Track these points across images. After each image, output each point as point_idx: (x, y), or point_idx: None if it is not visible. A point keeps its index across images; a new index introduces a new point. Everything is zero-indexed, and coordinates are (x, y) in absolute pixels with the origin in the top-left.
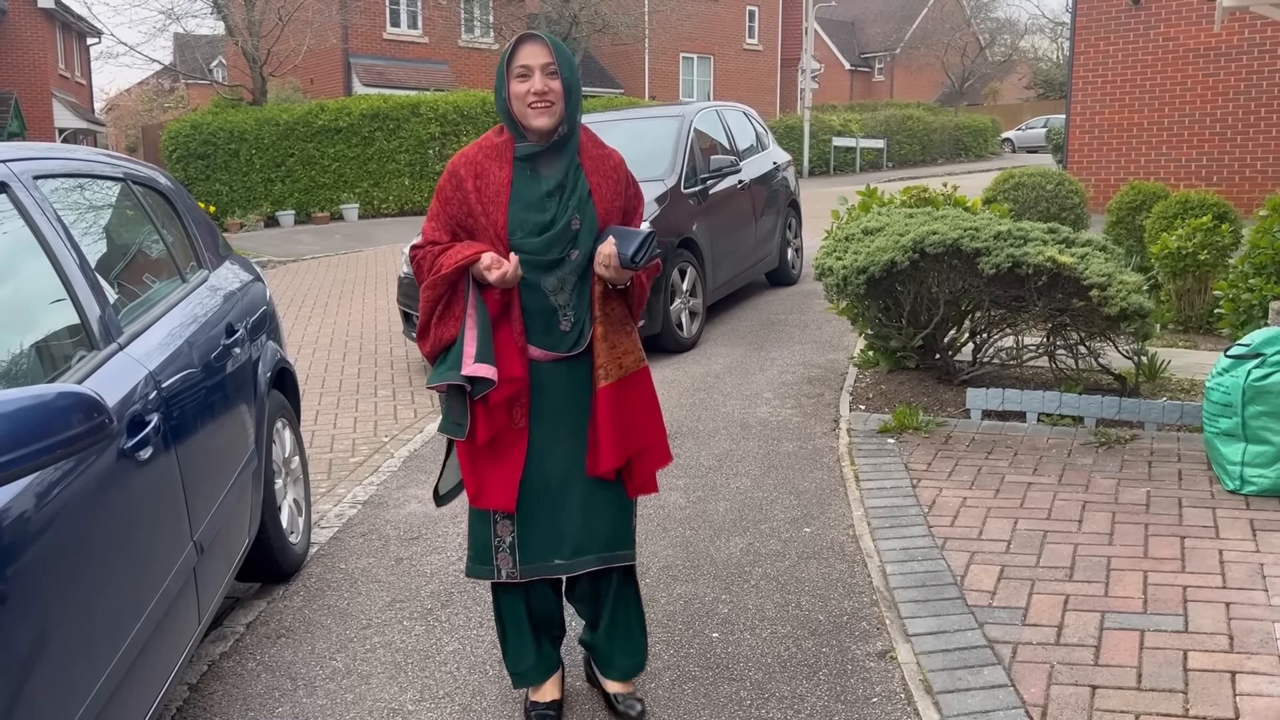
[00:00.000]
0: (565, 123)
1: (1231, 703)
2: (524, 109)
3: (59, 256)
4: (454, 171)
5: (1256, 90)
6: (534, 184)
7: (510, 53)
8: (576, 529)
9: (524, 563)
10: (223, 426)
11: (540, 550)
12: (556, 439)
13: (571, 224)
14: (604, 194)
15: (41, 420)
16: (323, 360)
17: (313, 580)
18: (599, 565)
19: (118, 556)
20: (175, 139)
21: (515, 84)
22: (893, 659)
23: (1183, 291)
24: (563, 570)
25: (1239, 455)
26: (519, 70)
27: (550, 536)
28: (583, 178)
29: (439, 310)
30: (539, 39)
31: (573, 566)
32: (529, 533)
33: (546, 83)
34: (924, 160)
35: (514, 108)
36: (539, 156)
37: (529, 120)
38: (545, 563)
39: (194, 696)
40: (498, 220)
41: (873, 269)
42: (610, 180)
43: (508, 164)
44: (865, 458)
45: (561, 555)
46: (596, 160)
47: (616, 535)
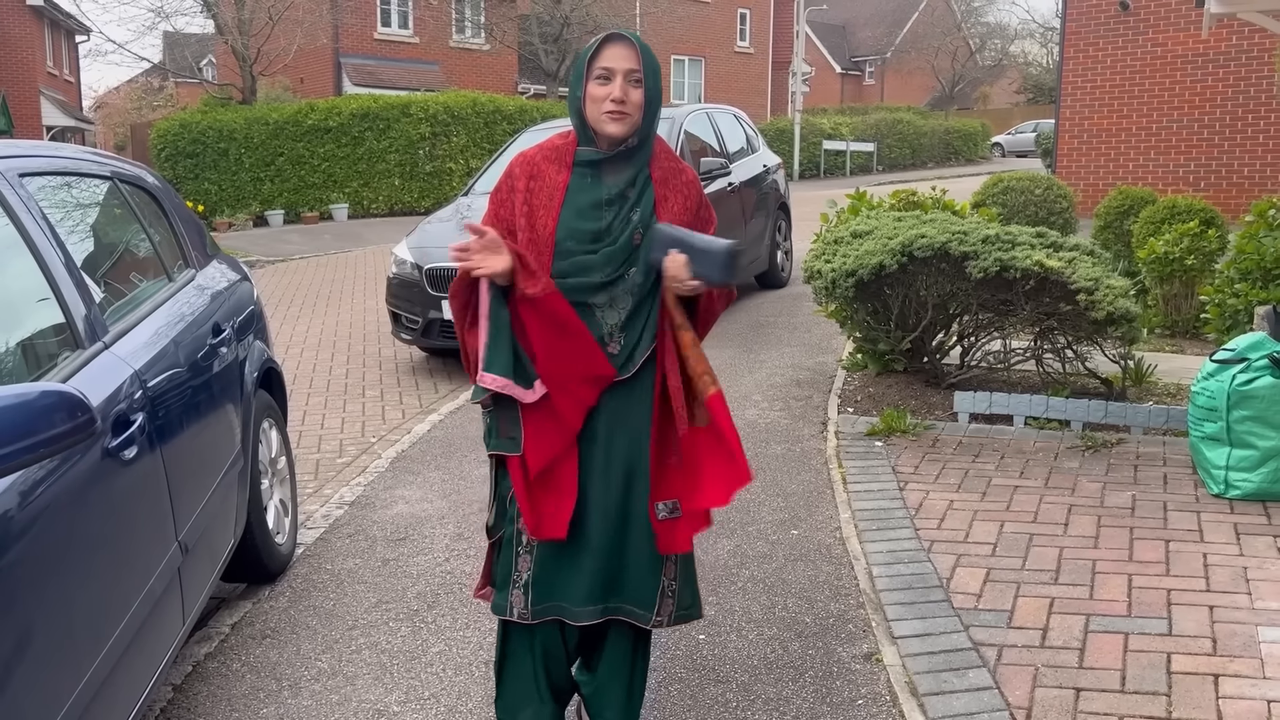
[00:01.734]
0: (638, 135)
1: (1214, 705)
2: (599, 114)
3: (44, 255)
4: (510, 172)
5: (1244, 96)
6: (592, 190)
7: (594, 50)
8: (598, 575)
9: (535, 603)
10: (208, 426)
11: (553, 592)
12: (594, 473)
13: (633, 239)
14: (673, 210)
15: (24, 419)
16: (311, 360)
17: (299, 581)
18: (607, 616)
19: (101, 556)
20: (164, 137)
21: (595, 86)
22: (878, 661)
23: (1169, 296)
24: (566, 615)
25: (1223, 459)
26: (600, 71)
27: (568, 578)
28: (650, 190)
29: (466, 320)
30: (628, 41)
31: (578, 615)
32: (544, 572)
33: (628, 91)
34: (914, 164)
35: (588, 110)
36: (602, 163)
37: (602, 126)
38: (555, 604)
39: (178, 697)
40: (547, 224)
41: (861, 272)
42: (681, 196)
43: (566, 168)
44: (853, 460)
45: (571, 600)
46: (668, 173)
47: (639, 589)
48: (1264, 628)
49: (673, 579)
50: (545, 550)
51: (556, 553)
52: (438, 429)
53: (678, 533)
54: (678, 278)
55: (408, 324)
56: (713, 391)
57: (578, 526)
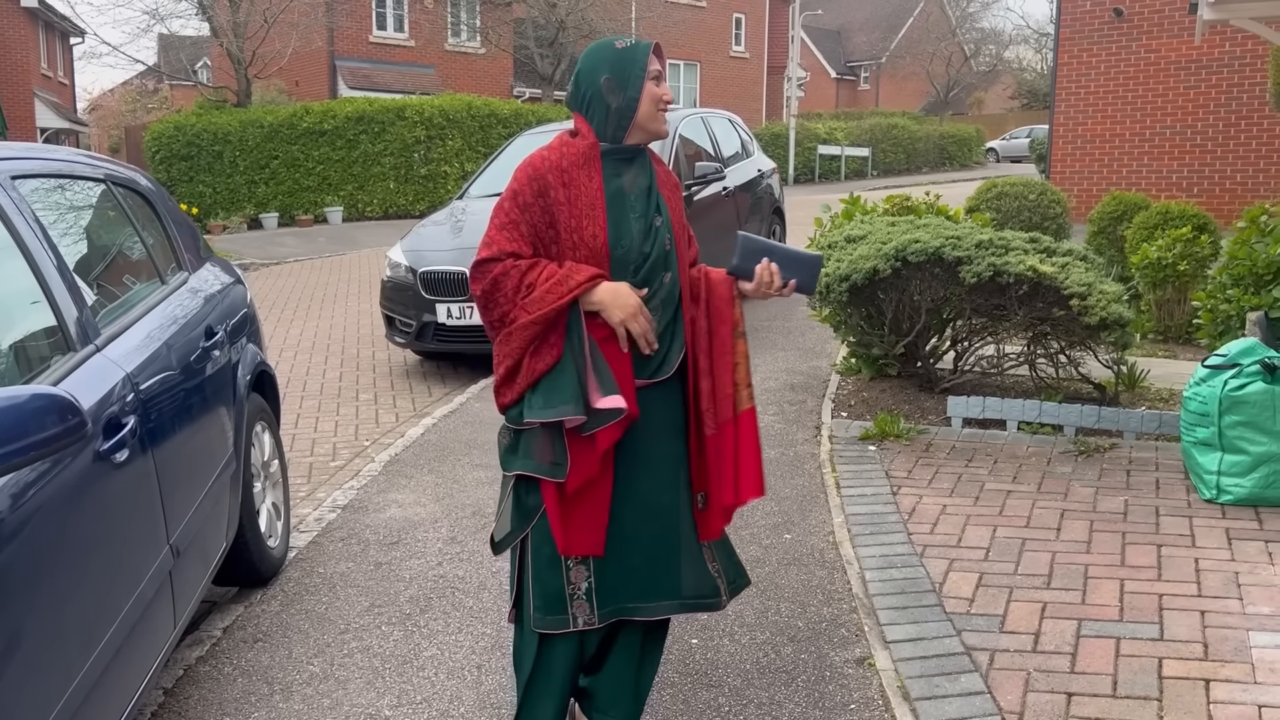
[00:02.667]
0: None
1: (1205, 710)
2: (654, 112)
3: (36, 257)
4: (539, 176)
5: (1237, 103)
6: (619, 194)
7: (645, 54)
8: (657, 570)
9: (601, 607)
10: (201, 429)
11: (618, 593)
12: (639, 472)
13: (664, 244)
14: (677, 213)
15: (15, 422)
16: (304, 363)
17: (291, 585)
18: (680, 611)
19: (92, 559)
20: (158, 140)
21: (653, 85)
22: (871, 666)
23: (1162, 301)
24: (638, 613)
25: (1215, 464)
26: (656, 72)
27: (628, 577)
28: (658, 193)
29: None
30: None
31: (651, 610)
32: (605, 576)
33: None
34: (909, 169)
35: (643, 109)
36: (623, 164)
37: (656, 124)
38: (622, 605)
39: (169, 701)
40: (597, 235)
41: (855, 276)
42: (676, 200)
43: (597, 173)
44: (846, 465)
45: (638, 598)
46: (663, 178)
47: (698, 580)
48: (1255, 633)
49: (713, 560)
50: (605, 557)
51: (615, 557)
52: (431, 433)
53: (711, 522)
54: (772, 285)
55: (401, 327)
56: (748, 407)
57: (631, 527)
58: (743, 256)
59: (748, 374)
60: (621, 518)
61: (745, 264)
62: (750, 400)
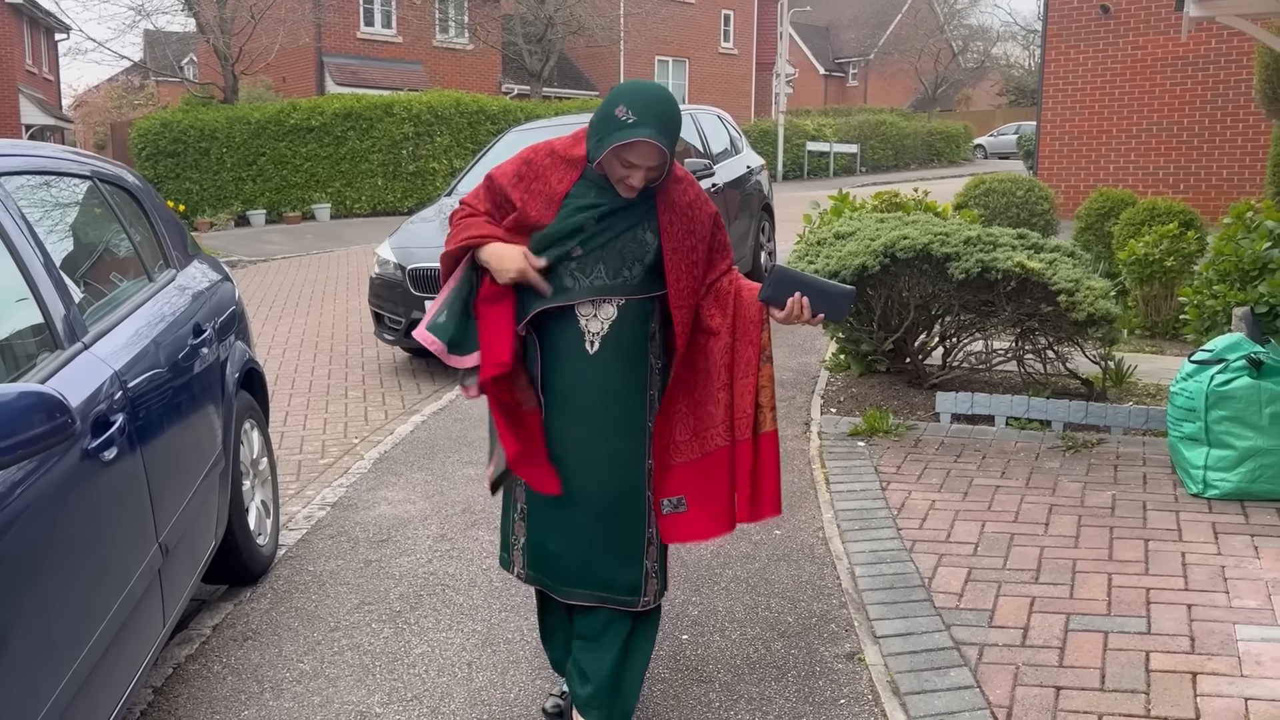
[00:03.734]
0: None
1: (1192, 703)
2: (614, 180)
3: (22, 254)
4: (529, 159)
5: (1223, 100)
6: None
7: (628, 140)
8: (586, 560)
9: (529, 569)
10: (189, 427)
11: (541, 565)
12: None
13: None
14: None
15: (2, 420)
16: (293, 361)
17: (280, 582)
18: (593, 602)
19: (81, 557)
20: (145, 136)
21: (618, 166)
22: (861, 660)
23: (1149, 297)
24: (555, 593)
25: (1202, 459)
26: (625, 160)
27: (551, 560)
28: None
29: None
30: (659, 149)
31: (566, 594)
32: (533, 545)
33: (644, 180)
34: (897, 165)
35: (606, 165)
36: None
37: (620, 189)
38: (542, 578)
39: (159, 700)
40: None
41: (844, 273)
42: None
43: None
44: (835, 461)
45: (558, 579)
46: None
47: (620, 578)
48: (1242, 626)
49: (654, 561)
50: (536, 525)
51: (546, 531)
52: (420, 430)
53: (681, 527)
54: (800, 318)
55: (390, 324)
56: (770, 429)
57: (563, 516)
58: (776, 288)
59: (772, 397)
60: (557, 505)
61: (778, 295)
62: (773, 423)
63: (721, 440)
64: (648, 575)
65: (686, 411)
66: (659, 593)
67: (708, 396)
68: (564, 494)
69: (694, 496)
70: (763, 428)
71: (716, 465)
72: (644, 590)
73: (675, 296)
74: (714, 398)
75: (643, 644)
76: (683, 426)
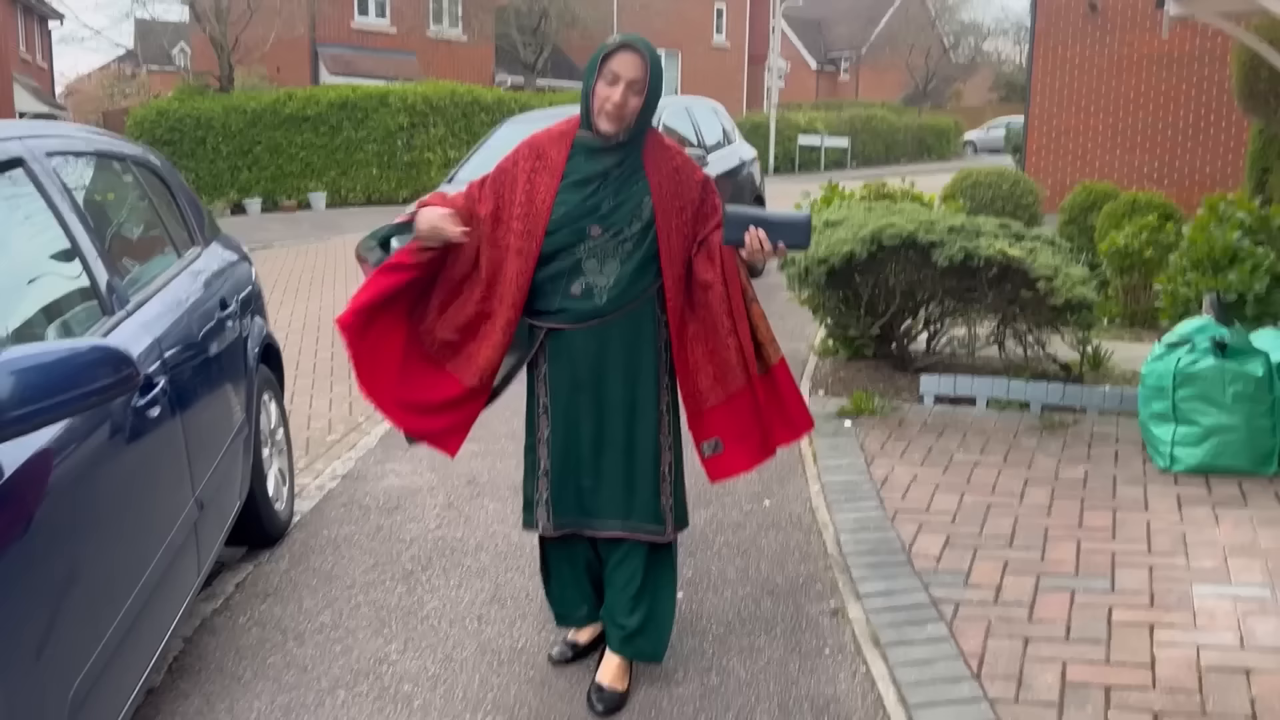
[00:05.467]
0: (628, 134)
1: (1149, 651)
2: (598, 109)
3: (72, 228)
4: (518, 153)
5: (1207, 96)
6: (586, 167)
7: (608, 52)
8: (605, 494)
9: (557, 517)
10: (218, 393)
11: (570, 507)
12: (591, 406)
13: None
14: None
15: (74, 371)
16: (295, 344)
17: (297, 546)
18: (623, 532)
19: (134, 502)
20: (141, 125)
21: (602, 85)
22: (844, 616)
23: (1129, 287)
24: (588, 528)
25: (1169, 435)
26: (609, 74)
27: (579, 496)
28: (642, 174)
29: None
30: (639, 53)
31: (597, 526)
32: (562, 491)
33: (628, 98)
34: (888, 160)
35: (595, 104)
36: (596, 151)
37: (598, 121)
38: (574, 519)
39: (189, 649)
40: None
41: (833, 260)
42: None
43: (567, 147)
44: (823, 439)
45: (588, 514)
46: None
47: (643, 508)
48: (1198, 585)
49: (669, 497)
50: (558, 475)
51: (568, 477)
52: None
53: (723, 465)
54: (763, 250)
55: None
56: (777, 359)
57: (586, 451)
58: (731, 228)
59: (769, 330)
60: (579, 443)
61: (733, 234)
62: (778, 353)
63: (741, 381)
64: (666, 509)
65: (705, 361)
66: (678, 528)
67: (719, 344)
68: (582, 436)
69: (729, 436)
70: (770, 361)
71: (742, 404)
72: (666, 522)
73: (665, 254)
74: (724, 344)
75: (668, 574)
76: (704, 375)
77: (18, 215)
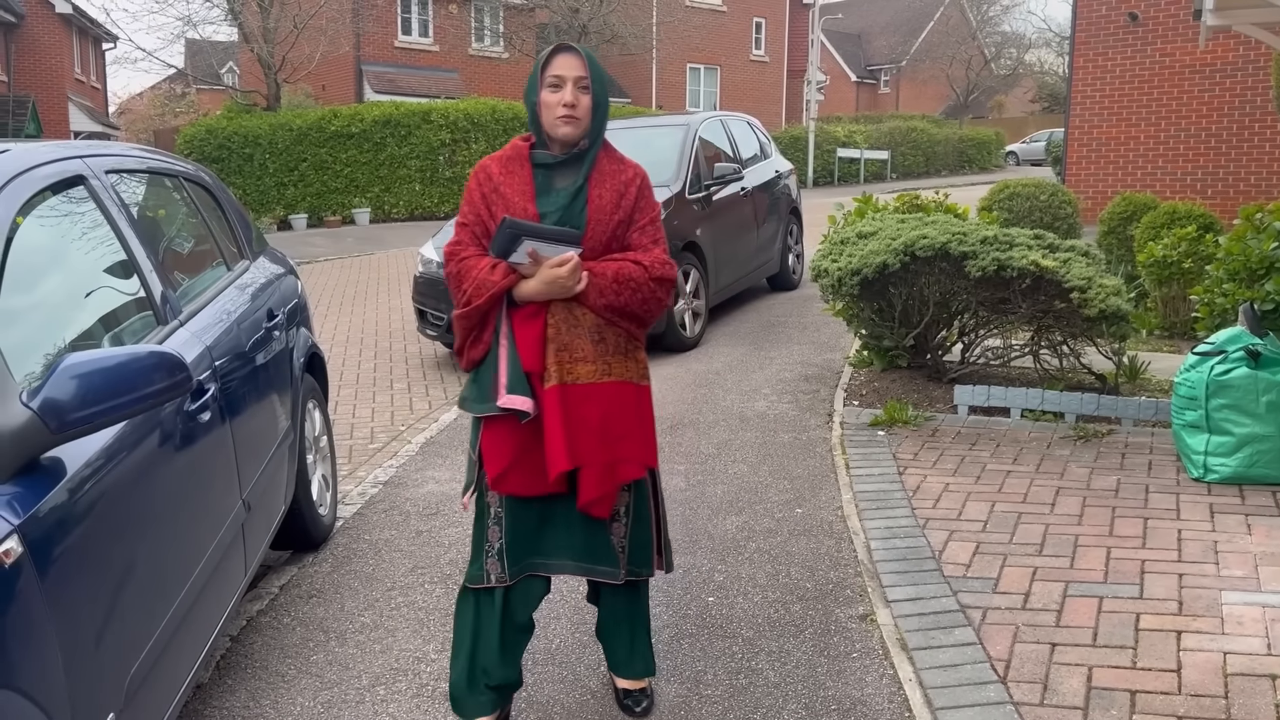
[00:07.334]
0: (588, 136)
1: (1175, 657)
2: (552, 120)
3: (129, 242)
4: (484, 166)
5: (1250, 106)
6: (545, 188)
7: (545, 61)
8: (568, 535)
9: (511, 564)
10: (265, 400)
11: (526, 550)
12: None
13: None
14: (602, 205)
15: (132, 375)
16: (339, 355)
17: (339, 549)
18: (578, 574)
19: (186, 500)
20: (191, 143)
21: (547, 93)
22: (873, 621)
23: (1168, 298)
24: (543, 569)
25: (1203, 445)
26: (551, 80)
27: (531, 536)
28: (586, 188)
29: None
30: (575, 51)
31: (553, 567)
32: (516, 536)
33: (577, 96)
34: (928, 172)
35: (543, 116)
36: (555, 167)
37: (555, 130)
38: (529, 560)
39: (236, 646)
40: (527, 207)
41: (866, 271)
42: (612, 191)
43: (528, 166)
44: (856, 448)
45: (542, 554)
46: (605, 174)
47: (594, 550)
48: (1227, 592)
49: (622, 538)
50: (514, 518)
51: (524, 519)
52: (463, 418)
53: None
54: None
55: (433, 320)
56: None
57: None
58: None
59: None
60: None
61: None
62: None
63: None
64: (617, 549)
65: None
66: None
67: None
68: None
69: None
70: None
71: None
72: (619, 563)
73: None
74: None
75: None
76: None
77: (78, 230)
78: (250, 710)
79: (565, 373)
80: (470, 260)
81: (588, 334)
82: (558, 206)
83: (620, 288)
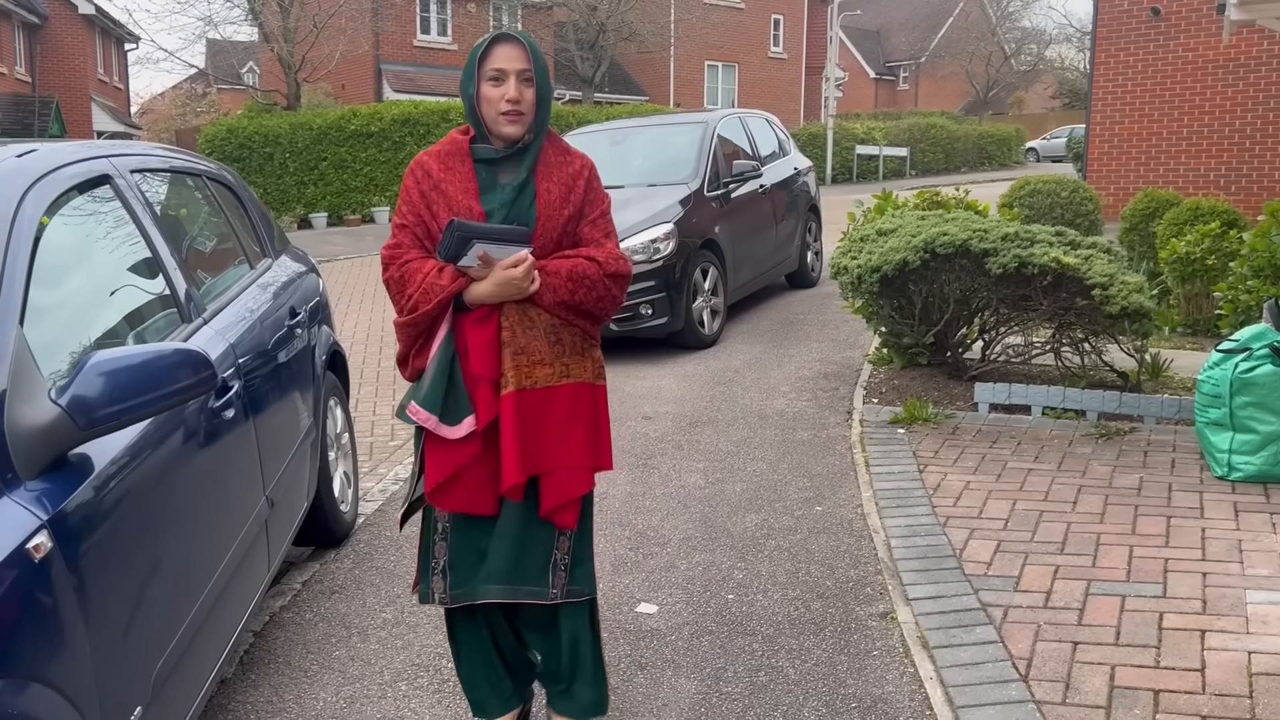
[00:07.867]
0: (532, 131)
1: (1199, 656)
2: (495, 116)
3: (153, 240)
4: (420, 163)
5: (1274, 101)
6: (488, 184)
7: (484, 51)
8: (498, 555)
9: (452, 588)
10: (287, 397)
11: (468, 574)
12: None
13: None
14: (550, 200)
15: (158, 372)
16: (360, 353)
17: (361, 546)
18: (507, 598)
19: (210, 496)
20: (212, 142)
21: (487, 87)
22: (893, 619)
23: (1191, 295)
24: (476, 597)
25: (1227, 443)
26: (492, 73)
27: (478, 560)
28: (533, 183)
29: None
30: (516, 41)
31: (484, 594)
32: (459, 555)
33: (521, 91)
34: (947, 169)
35: (483, 111)
36: (498, 161)
37: (499, 128)
38: (467, 588)
39: (259, 642)
40: (472, 206)
41: (886, 268)
42: (560, 185)
43: (469, 161)
44: (876, 446)
45: (478, 580)
46: (552, 166)
47: (529, 570)
48: (1252, 591)
49: (565, 553)
50: (458, 535)
51: (469, 537)
52: None
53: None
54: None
55: None
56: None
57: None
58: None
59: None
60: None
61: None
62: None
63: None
64: (555, 567)
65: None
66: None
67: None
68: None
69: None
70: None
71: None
72: (551, 583)
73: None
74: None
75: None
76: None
77: (104, 229)
78: (273, 705)
79: (524, 377)
80: (413, 264)
81: (544, 335)
82: (503, 202)
83: (575, 286)
